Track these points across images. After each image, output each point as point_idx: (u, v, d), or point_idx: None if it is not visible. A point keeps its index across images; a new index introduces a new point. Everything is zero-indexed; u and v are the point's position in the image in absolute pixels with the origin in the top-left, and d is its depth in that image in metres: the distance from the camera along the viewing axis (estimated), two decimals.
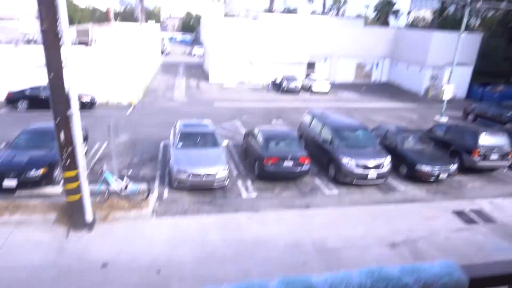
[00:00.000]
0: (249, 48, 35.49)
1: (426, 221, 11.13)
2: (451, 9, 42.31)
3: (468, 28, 37.52)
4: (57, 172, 11.85)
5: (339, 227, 10.52)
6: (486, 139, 14.98)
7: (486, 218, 11.47)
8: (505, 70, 35.07)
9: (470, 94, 33.39)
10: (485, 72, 36.54)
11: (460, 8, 37.85)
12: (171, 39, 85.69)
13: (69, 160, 8.92)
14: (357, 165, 13.12)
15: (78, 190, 9.26)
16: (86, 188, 9.34)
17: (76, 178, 9.16)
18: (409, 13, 57.15)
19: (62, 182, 9.49)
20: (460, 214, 11.65)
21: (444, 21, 42.44)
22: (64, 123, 8.66)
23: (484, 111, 23.79)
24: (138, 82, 26.04)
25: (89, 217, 9.52)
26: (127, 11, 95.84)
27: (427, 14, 51.55)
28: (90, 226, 9.55)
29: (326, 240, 9.86)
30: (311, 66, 38.03)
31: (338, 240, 9.88)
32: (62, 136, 8.73)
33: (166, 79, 36.67)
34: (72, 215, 9.46)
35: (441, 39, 33.25)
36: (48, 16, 7.91)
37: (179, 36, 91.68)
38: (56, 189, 11.53)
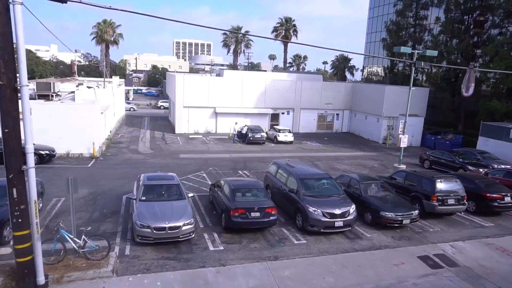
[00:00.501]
0: (215, 100, 36.35)
1: (394, 268, 11.20)
2: (400, 65, 46.25)
3: (416, 82, 40.95)
4: (7, 231, 10.96)
5: (308, 279, 10.31)
6: (442, 185, 15.76)
7: (450, 262, 11.73)
8: (452, 120, 38.06)
9: (424, 142, 35.56)
10: (435, 122, 39.42)
11: (408, 65, 41.51)
12: (136, 91, 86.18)
13: (21, 219, 8.33)
14: (324, 214, 13.23)
15: (29, 250, 8.56)
16: (38, 248, 8.65)
17: (28, 238, 8.50)
18: (363, 69, 61.73)
19: (12, 242, 8.77)
20: (425, 259, 11.86)
21: (395, 76, 46.14)
22: (17, 179, 8.19)
23: (438, 158, 25.29)
24: (101, 134, 25.52)
25: (40, 279, 8.72)
26: (92, 64, 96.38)
27: (379, 69, 55.91)
28: None
29: None
30: (275, 117, 39.31)
31: None
32: (14, 192, 8.21)
33: (131, 130, 36.27)
34: (21, 278, 8.62)
35: (394, 92, 35.89)
36: (6, 72, 7.78)
37: (144, 89, 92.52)
38: (6, 250, 10.59)
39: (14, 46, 7.90)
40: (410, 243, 13.16)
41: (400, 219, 14.00)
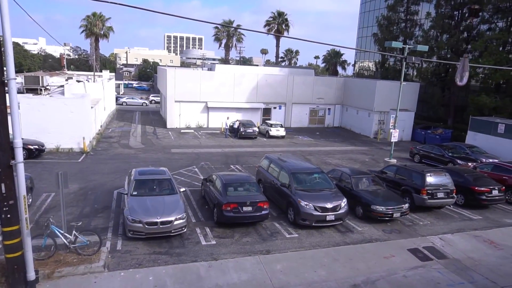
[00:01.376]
0: (206, 95, 36.18)
1: (384, 260, 11.34)
2: (391, 60, 46.50)
3: (407, 77, 41.26)
4: None
5: (300, 272, 10.39)
6: (432, 179, 15.97)
7: (439, 254, 11.92)
8: (442, 115, 38.50)
9: (414, 136, 35.93)
10: (425, 116, 39.83)
11: (399, 60, 41.76)
12: (127, 85, 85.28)
13: (9, 214, 8.23)
14: (315, 208, 13.31)
15: (19, 246, 8.47)
16: (28, 244, 8.57)
17: (17, 233, 8.41)
18: (354, 64, 61.90)
19: (1, 238, 8.67)
20: (415, 251, 12.03)
21: (386, 71, 46.41)
22: (6, 174, 8.08)
23: (428, 152, 25.59)
24: (91, 128, 25.23)
25: (31, 275, 8.64)
26: (82, 57, 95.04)
27: (370, 64, 56.14)
28: (31, 285, 8.63)
29: (288, 287, 9.66)
30: (267, 111, 39.30)
31: (300, 286, 9.72)
32: (3, 188, 8.10)
33: (122, 125, 35.93)
34: (11, 274, 8.53)
35: (385, 87, 36.10)
36: None
37: (135, 83, 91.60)
38: None
39: (1, 39, 7.74)
40: (400, 236, 13.34)
41: (390, 212, 14.17)
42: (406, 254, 11.84)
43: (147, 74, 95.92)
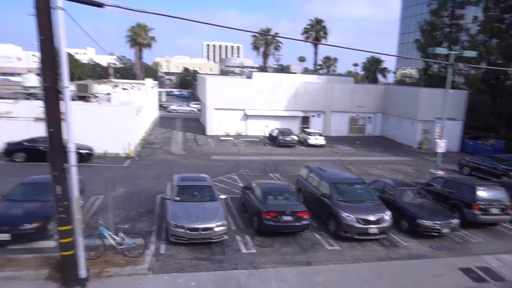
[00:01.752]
0: (245, 103, 36.51)
1: (433, 279, 10.73)
2: (435, 67, 44.59)
3: (453, 84, 39.31)
4: (52, 226, 11.45)
5: (342, 286, 10.08)
6: (484, 193, 14.96)
7: (495, 276, 11.09)
8: (492, 124, 36.18)
9: (463, 147, 34.04)
10: (474, 126, 37.64)
11: (444, 67, 39.96)
12: (169, 93, 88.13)
13: (64, 214, 8.70)
14: (358, 220, 12.91)
15: (72, 245, 8.92)
16: (80, 243, 9.00)
17: (70, 233, 8.86)
18: (395, 71, 59.98)
19: (56, 236, 9.17)
20: (467, 271, 11.28)
21: (430, 78, 44.51)
22: (61, 176, 8.57)
23: (479, 164, 24.11)
24: (136, 134, 26.25)
25: (82, 273, 9.06)
26: (126, 67, 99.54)
27: (413, 71, 54.14)
28: (83, 282, 9.05)
29: None
30: (305, 120, 38.96)
31: None
32: (58, 189, 8.59)
33: (164, 132, 37.09)
34: (65, 271, 8.99)
35: (429, 95, 34.62)
36: (50, 74, 8.14)
37: (176, 91, 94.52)
38: (50, 243, 11.07)
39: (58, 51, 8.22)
40: (450, 254, 12.59)
41: (438, 227, 13.44)
42: (457, 274, 11.14)
43: (187, 82, 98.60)
